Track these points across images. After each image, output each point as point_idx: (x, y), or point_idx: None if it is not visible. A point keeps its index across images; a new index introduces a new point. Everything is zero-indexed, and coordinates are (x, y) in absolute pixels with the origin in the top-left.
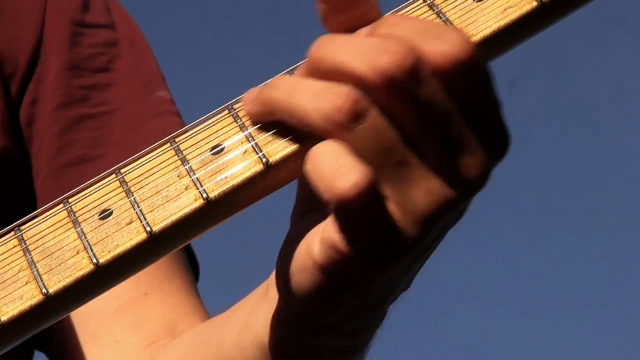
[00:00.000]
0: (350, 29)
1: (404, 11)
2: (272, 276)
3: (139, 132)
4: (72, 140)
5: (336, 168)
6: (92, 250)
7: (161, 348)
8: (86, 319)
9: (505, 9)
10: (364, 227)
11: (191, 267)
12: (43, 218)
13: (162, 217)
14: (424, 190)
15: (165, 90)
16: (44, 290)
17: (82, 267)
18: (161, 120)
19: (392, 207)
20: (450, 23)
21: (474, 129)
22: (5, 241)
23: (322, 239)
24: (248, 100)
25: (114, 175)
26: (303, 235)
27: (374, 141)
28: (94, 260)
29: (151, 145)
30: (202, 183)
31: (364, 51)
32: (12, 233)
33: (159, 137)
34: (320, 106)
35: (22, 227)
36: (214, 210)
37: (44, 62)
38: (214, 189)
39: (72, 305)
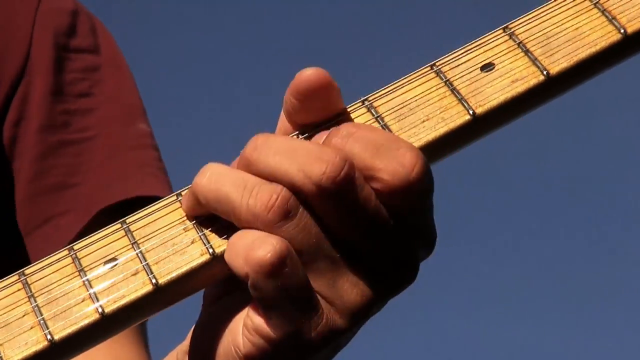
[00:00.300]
0: (312, 123)
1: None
2: (183, 349)
3: (117, 162)
4: (51, 166)
5: (251, 241)
6: (98, 300)
7: None
8: None
9: (513, 82)
10: (286, 313)
11: None
12: (46, 264)
13: (168, 270)
14: (352, 285)
15: (146, 123)
16: (49, 336)
17: (88, 315)
18: (139, 153)
19: (322, 298)
20: (458, 93)
21: (405, 231)
22: (10, 285)
23: (245, 326)
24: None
25: (119, 225)
26: (220, 320)
27: (301, 238)
28: (100, 310)
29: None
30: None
31: (299, 158)
32: (17, 277)
33: (136, 169)
34: (250, 203)
35: (26, 272)
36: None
37: (29, 82)
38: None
39: (74, 352)
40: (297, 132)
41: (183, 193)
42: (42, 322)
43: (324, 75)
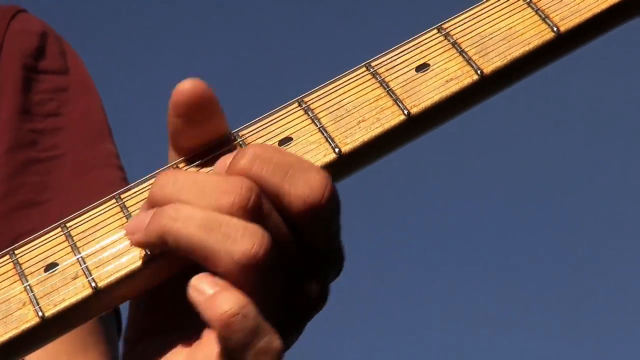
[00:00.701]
0: (199, 146)
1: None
2: None
3: (85, 179)
4: (20, 185)
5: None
6: (38, 304)
7: None
8: None
9: (447, 81)
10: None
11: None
12: (39, 242)
13: (107, 274)
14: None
15: (112, 144)
16: (40, 313)
17: (29, 319)
18: (106, 172)
19: None
20: (394, 93)
21: (315, 255)
22: (2, 264)
23: None
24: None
25: (59, 229)
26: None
27: None
28: (40, 314)
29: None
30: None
31: (207, 193)
32: (7, 257)
33: (104, 187)
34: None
35: (16, 252)
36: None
37: None
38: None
39: (15, 357)
40: (184, 159)
41: (123, 196)
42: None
43: (201, 85)
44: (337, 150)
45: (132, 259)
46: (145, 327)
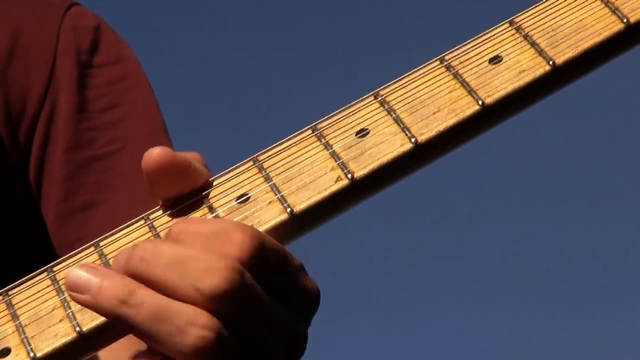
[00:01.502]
0: (175, 197)
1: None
2: None
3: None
4: (79, 185)
5: None
6: None
7: None
8: None
9: (520, 72)
10: None
11: None
12: (74, 260)
13: None
14: None
15: (168, 138)
16: (77, 328)
17: None
18: None
19: None
20: (468, 85)
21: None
22: (39, 281)
23: None
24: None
25: (143, 221)
26: None
27: None
28: None
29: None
30: None
31: (189, 272)
32: (45, 274)
33: None
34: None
35: (54, 269)
36: None
37: (53, 102)
38: None
39: (102, 344)
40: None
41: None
42: (70, 314)
43: (166, 155)
44: (413, 140)
45: None
46: None
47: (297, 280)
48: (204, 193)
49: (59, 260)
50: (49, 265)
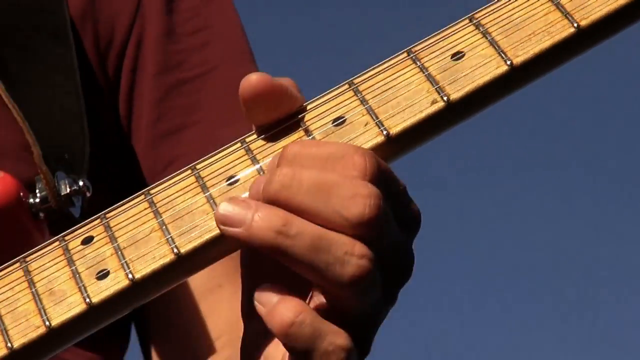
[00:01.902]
0: (271, 122)
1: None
2: None
3: (234, 95)
4: (170, 108)
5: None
6: None
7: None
8: (167, 309)
9: None
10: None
11: None
12: (171, 183)
13: None
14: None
15: (254, 64)
16: (175, 250)
17: (211, 229)
18: None
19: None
20: (563, 8)
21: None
22: (137, 204)
23: None
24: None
25: (240, 144)
26: (261, 345)
27: None
28: None
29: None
30: None
31: (333, 198)
32: (143, 196)
33: None
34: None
35: (152, 192)
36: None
37: (141, 28)
38: None
39: (200, 266)
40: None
41: (299, 111)
42: (168, 236)
43: (264, 81)
44: (509, 62)
45: None
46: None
47: (408, 203)
48: (299, 117)
49: (155, 183)
50: (146, 188)
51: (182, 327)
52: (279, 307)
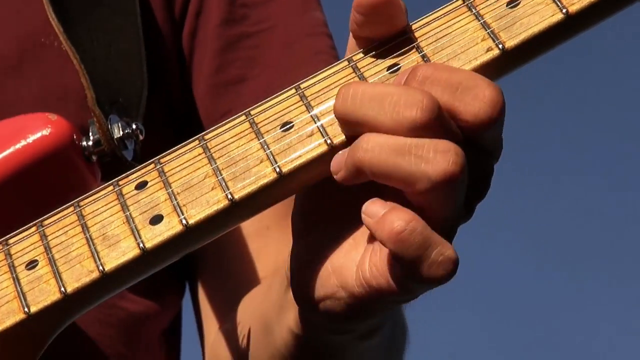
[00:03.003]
0: (377, 38)
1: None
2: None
3: (293, 51)
4: (231, 60)
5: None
6: (275, 161)
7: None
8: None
9: None
10: (413, 267)
11: None
12: (224, 129)
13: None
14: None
15: (319, 11)
16: (229, 196)
17: (266, 175)
18: (314, 41)
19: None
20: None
21: (483, 155)
22: (191, 149)
23: (362, 277)
24: (338, 167)
25: (294, 90)
26: (320, 259)
27: None
28: (277, 170)
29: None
30: None
31: (388, 106)
32: (197, 142)
33: (311, 57)
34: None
35: (206, 137)
36: None
37: None
38: None
39: (253, 212)
40: (361, 51)
41: (355, 58)
42: (222, 182)
43: None
44: (564, 10)
45: None
46: (316, 218)
47: (498, 144)
48: (405, 36)
49: (210, 129)
50: (201, 134)
51: (231, 266)
52: (389, 216)
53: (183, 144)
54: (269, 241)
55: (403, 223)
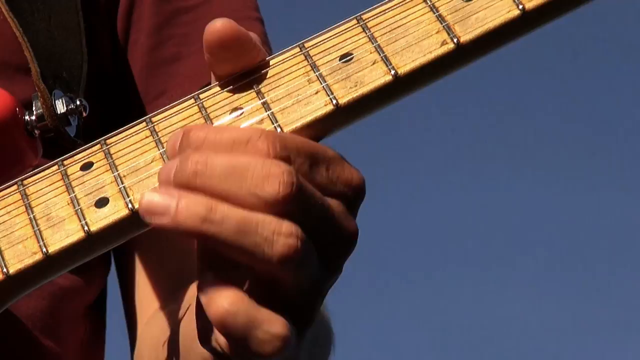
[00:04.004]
0: (234, 72)
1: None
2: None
3: None
4: (168, 37)
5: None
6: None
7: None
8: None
9: None
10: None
11: None
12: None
13: (293, 119)
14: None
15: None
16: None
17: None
18: (250, 25)
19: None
20: None
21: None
22: (138, 131)
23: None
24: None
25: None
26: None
27: None
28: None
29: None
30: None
31: (247, 180)
32: (144, 124)
33: None
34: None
35: (153, 119)
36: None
37: None
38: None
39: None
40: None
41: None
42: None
43: (230, 27)
44: (520, 6)
45: (317, 105)
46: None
47: (335, 171)
48: (262, 72)
49: (158, 111)
50: (148, 115)
51: (175, 242)
52: (215, 297)
53: (130, 125)
54: None
55: (226, 305)
